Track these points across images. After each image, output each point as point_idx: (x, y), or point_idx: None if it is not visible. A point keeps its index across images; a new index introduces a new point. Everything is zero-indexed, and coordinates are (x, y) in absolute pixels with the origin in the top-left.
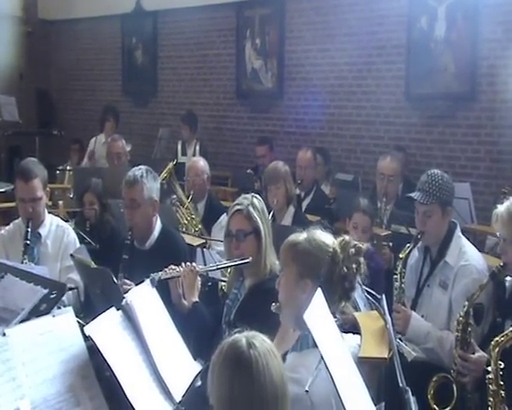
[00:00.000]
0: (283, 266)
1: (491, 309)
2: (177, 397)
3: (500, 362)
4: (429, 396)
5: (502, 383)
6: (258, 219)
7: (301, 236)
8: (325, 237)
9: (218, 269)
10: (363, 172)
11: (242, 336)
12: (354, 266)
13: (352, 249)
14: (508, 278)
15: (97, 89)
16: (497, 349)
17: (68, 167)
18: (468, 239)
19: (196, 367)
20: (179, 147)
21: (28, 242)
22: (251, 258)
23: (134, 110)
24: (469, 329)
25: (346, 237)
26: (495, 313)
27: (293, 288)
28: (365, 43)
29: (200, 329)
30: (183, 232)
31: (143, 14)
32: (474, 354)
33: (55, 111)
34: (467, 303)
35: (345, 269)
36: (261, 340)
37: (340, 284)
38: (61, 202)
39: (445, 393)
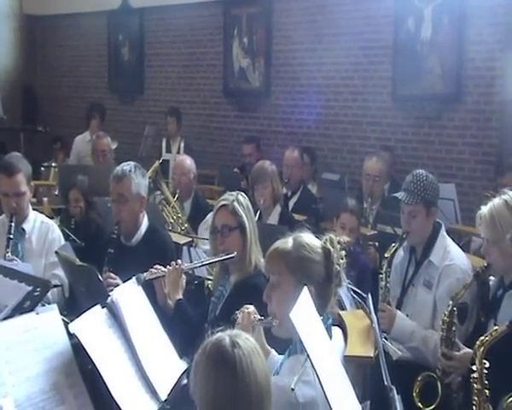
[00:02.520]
0: (276, 276)
1: (475, 309)
2: (163, 396)
3: (485, 361)
4: (414, 395)
5: (486, 382)
6: (243, 214)
7: (288, 243)
8: (312, 239)
9: (203, 265)
10: (350, 172)
11: (226, 335)
12: (342, 261)
13: (338, 245)
14: (491, 278)
15: (83, 86)
16: (482, 349)
17: (53, 164)
18: (453, 240)
19: (182, 366)
20: (164, 144)
21: (11, 236)
22: (236, 253)
23: (120, 108)
24: (454, 328)
25: (331, 235)
26: (479, 313)
27: (292, 297)
28: (352, 43)
29: (185, 326)
30: (170, 230)
31: (130, 11)
32: (458, 351)
33: (40, 107)
34: (451, 303)
35: (337, 266)
36: (245, 339)
37: (335, 281)
38: (45, 199)
39: (430, 391)
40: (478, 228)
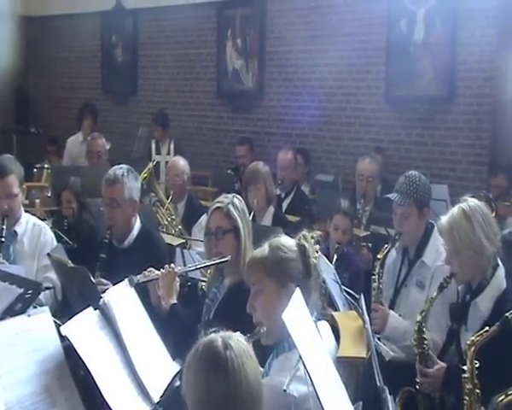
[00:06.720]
0: (257, 285)
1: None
2: (156, 397)
3: (475, 361)
4: None
5: (477, 381)
6: (237, 217)
7: (264, 250)
8: (287, 239)
9: (196, 269)
10: (343, 174)
11: (218, 337)
12: (317, 254)
13: (312, 239)
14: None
15: (76, 87)
16: (472, 348)
17: (46, 166)
18: None
19: (175, 367)
20: (153, 146)
21: (3, 239)
22: (230, 256)
23: (113, 108)
24: (425, 343)
25: (303, 232)
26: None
27: (276, 300)
28: (346, 44)
29: (178, 331)
30: (163, 232)
31: (123, 12)
32: (433, 367)
33: (32, 108)
34: (419, 318)
35: (313, 260)
36: (237, 340)
37: (313, 274)
38: (37, 201)
39: (413, 403)
40: (440, 238)
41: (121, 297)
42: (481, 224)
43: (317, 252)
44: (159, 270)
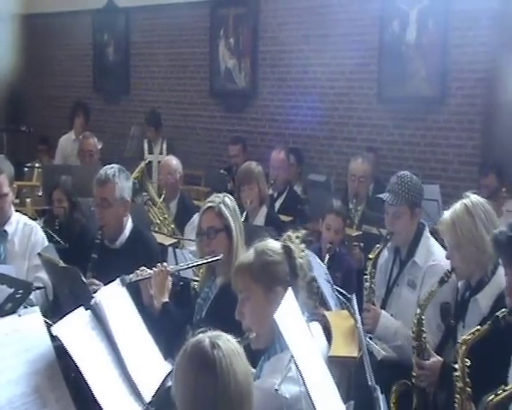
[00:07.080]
0: (244, 292)
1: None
2: (147, 398)
3: (466, 360)
4: (392, 405)
5: (468, 380)
6: (229, 216)
7: (249, 255)
8: (272, 243)
9: (189, 268)
10: (336, 173)
11: (206, 337)
12: (303, 253)
13: (297, 239)
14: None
15: (67, 85)
16: (464, 347)
17: (37, 165)
18: (437, 240)
19: (167, 367)
20: (145, 146)
21: None
22: (222, 255)
23: (105, 108)
24: (424, 335)
25: (288, 232)
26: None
27: (264, 305)
28: (339, 45)
29: (170, 329)
30: (156, 232)
31: (115, 11)
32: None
33: (23, 107)
34: (418, 311)
35: (300, 260)
36: (225, 340)
37: (300, 274)
38: (28, 200)
39: (407, 398)
40: (441, 233)
41: (113, 297)
42: (483, 220)
43: (303, 251)
44: (151, 269)
